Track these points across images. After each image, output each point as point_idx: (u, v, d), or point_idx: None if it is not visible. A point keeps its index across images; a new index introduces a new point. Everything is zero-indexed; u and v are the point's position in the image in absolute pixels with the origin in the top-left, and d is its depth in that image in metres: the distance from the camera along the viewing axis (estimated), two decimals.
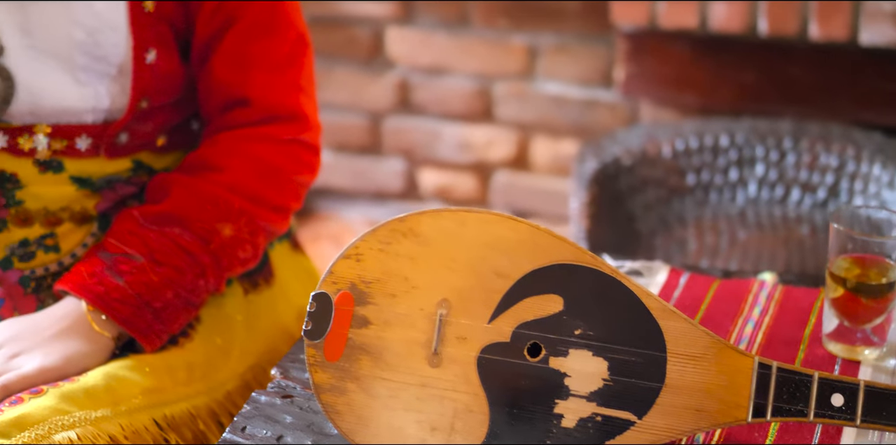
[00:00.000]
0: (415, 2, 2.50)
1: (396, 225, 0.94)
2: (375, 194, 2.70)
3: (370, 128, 2.65)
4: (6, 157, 1.26)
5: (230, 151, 1.26)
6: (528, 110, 2.52)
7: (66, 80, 1.24)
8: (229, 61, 1.26)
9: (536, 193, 2.58)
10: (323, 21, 2.55)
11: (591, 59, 2.43)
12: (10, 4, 1.21)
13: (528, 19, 2.43)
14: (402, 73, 2.57)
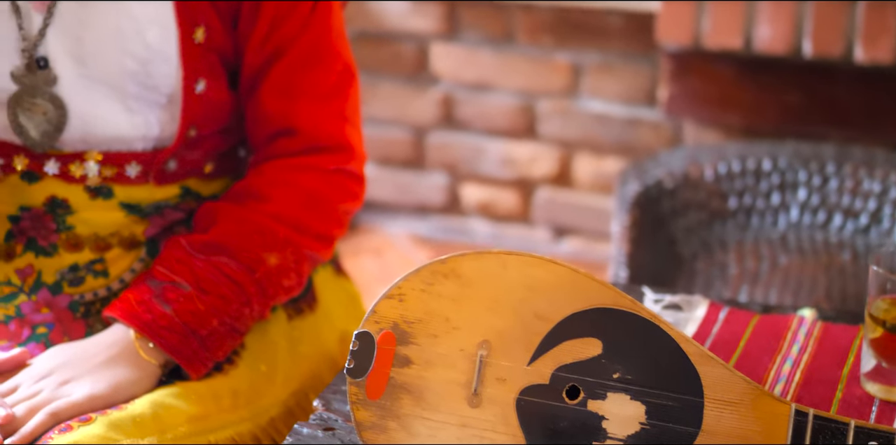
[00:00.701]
0: (460, 18, 2.52)
1: (438, 267, 0.96)
2: (418, 208, 2.72)
3: (414, 143, 2.67)
4: (58, 184, 1.29)
5: (276, 181, 1.28)
6: (571, 127, 2.53)
7: (118, 109, 1.26)
8: (277, 92, 1.28)
9: (578, 210, 2.59)
10: (369, 36, 2.58)
11: (635, 78, 2.44)
12: (65, 35, 1.23)
13: (572, 37, 2.45)
14: (447, 89, 2.59)
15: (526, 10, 2.45)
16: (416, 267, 0.97)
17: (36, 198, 1.30)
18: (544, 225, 2.64)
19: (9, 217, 1.31)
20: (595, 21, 2.42)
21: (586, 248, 2.62)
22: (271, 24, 1.27)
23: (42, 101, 1.25)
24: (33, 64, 1.24)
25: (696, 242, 1.92)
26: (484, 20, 2.50)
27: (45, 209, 1.30)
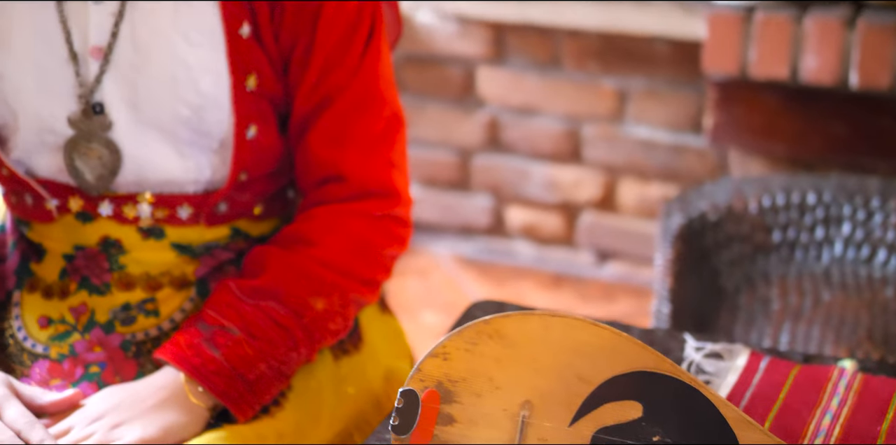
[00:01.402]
0: (506, 43, 2.54)
1: (483, 327, 0.98)
2: (462, 229, 2.75)
3: (459, 165, 2.69)
4: (111, 224, 1.32)
5: (324, 227, 1.30)
6: (616, 152, 2.54)
7: (171, 153, 1.29)
8: (326, 138, 1.31)
9: (622, 234, 2.61)
10: (417, 59, 2.60)
11: (681, 105, 2.45)
12: (121, 81, 1.26)
13: (618, 63, 2.47)
14: (493, 112, 2.61)
15: (572, 36, 2.47)
16: (461, 327, 0.99)
17: (90, 238, 1.33)
18: (588, 248, 2.66)
19: (63, 255, 1.34)
20: (641, 48, 2.43)
21: (629, 272, 2.64)
22: (321, 71, 1.29)
23: (97, 146, 1.28)
24: (89, 109, 1.27)
25: (739, 275, 1.93)
26: (530, 45, 2.52)
27: (99, 248, 1.33)
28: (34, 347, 1.30)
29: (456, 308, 2.58)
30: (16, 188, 1.34)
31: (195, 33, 1.26)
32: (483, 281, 2.67)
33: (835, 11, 2.18)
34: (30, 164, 1.32)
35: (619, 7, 2.35)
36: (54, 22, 1.26)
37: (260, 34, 1.27)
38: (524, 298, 2.60)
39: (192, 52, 1.26)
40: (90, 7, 1.25)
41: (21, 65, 1.27)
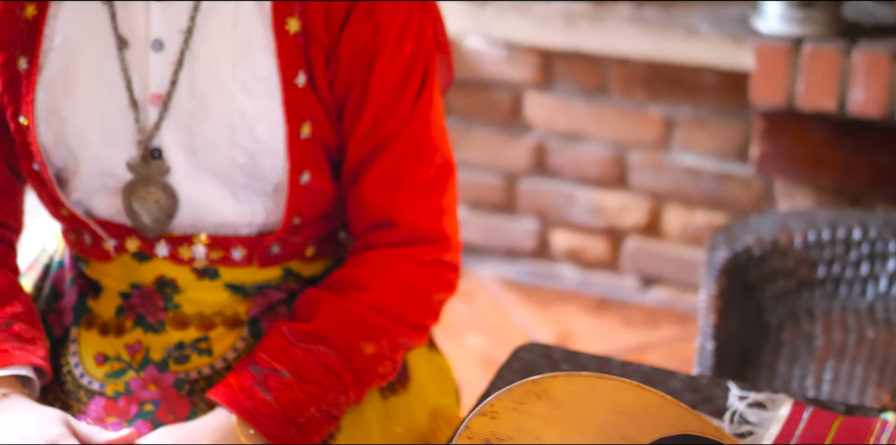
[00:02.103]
0: (554, 69, 2.56)
1: (531, 387, 1.00)
2: (507, 252, 2.77)
3: (506, 188, 2.71)
4: (167, 264, 1.36)
5: (375, 272, 1.33)
6: (662, 179, 2.56)
7: (226, 197, 1.32)
8: (378, 185, 1.33)
9: (667, 260, 2.62)
10: (465, 84, 2.63)
11: (728, 134, 2.46)
12: (179, 128, 1.30)
13: (665, 91, 2.48)
14: (540, 137, 2.63)
15: (620, 64, 2.48)
16: (510, 386, 1.01)
17: (146, 277, 1.37)
18: (632, 273, 2.67)
19: (120, 293, 1.38)
20: (689, 77, 2.44)
21: (674, 298, 2.65)
22: (375, 119, 1.32)
23: (155, 190, 1.32)
24: (148, 155, 1.31)
25: (783, 310, 1.94)
26: (578, 72, 2.53)
27: (155, 287, 1.37)
28: (91, 384, 1.34)
29: (500, 331, 2.60)
30: (75, 227, 1.38)
31: (252, 82, 1.29)
32: (527, 304, 2.68)
33: (883, 44, 2.19)
34: (89, 205, 1.35)
35: (667, 37, 2.36)
36: (116, 70, 1.30)
37: (315, 83, 1.30)
38: (568, 322, 2.62)
39: (249, 101, 1.29)
40: (151, 56, 1.29)
41: (84, 111, 1.30)
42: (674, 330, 2.58)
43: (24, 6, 1.30)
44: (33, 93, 1.30)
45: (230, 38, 1.28)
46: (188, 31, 1.28)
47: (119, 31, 1.29)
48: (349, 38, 1.29)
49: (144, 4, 1.29)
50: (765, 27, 2.28)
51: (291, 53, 1.28)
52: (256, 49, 1.28)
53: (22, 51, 1.30)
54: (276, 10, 1.28)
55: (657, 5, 2.46)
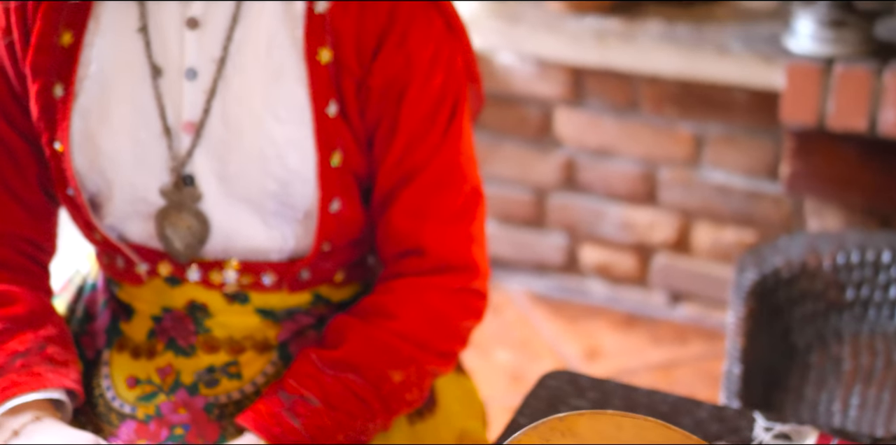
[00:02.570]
0: (585, 85, 2.56)
1: (556, 424, 1.01)
2: (536, 266, 2.77)
3: (535, 203, 2.72)
4: (199, 289, 1.37)
5: (404, 300, 1.34)
6: (691, 196, 2.56)
7: (257, 223, 1.34)
8: (407, 212, 1.34)
9: (696, 277, 2.63)
10: (496, 99, 2.63)
11: (758, 152, 2.46)
12: (211, 155, 1.31)
13: (696, 108, 2.48)
14: (569, 153, 2.64)
15: (651, 81, 2.49)
16: (536, 423, 1.02)
17: (177, 301, 1.38)
18: (661, 289, 2.68)
19: (152, 316, 1.39)
20: (719, 95, 2.44)
21: (702, 314, 2.65)
22: (405, 148, 1.33)
23: (187, 216, 1.33)
24: (180, 181, 1.32)
25: (811, 333, 1.94)
26: (608, 88, 2.54)
27: (186, 311, 1.38)
28: (122, 407, 1.35)
29: (528, 346, 2.61)
30: (108, 251, 1.40)
31: (284, 111, 1.30)
32: (555, 318, 2.69)
33: None
34: (122, 230, 1.37)
35: (698, 55, 2.36)
36: (150, 98, 1.31)
37: (346, 112, 1.31)
38: (596, 338, 2.63)
39: (281, 130, 1.30)
40: (185, 84, 1.30)
41: (118, 138, 1.32)
42: (702, 346, 2.58)
43: (60, 34, 1.32)
44: (68, 120, 1.32)
45: (263, 68, 1.30)
46: (221, 60, 1.30)
47: (153, 59, 1.31)
48: (380, 67, 1.30)
49: (179, 34, 1.30)
50: (796, 46, 2.28)
51: (323, 83, 1.29)
52: (288, 78, 1.30)
53: (58, 78, 1.32)
54: (309, 40, 1.29)
55: (689, 23, 2.46)
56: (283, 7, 1.30)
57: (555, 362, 2.55)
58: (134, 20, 1.31)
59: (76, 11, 1.32)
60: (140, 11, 1.31)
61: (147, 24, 1.31)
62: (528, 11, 2.56)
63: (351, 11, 1.29)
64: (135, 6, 1.31)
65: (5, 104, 1.35)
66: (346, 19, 1.29)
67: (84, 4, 1.32)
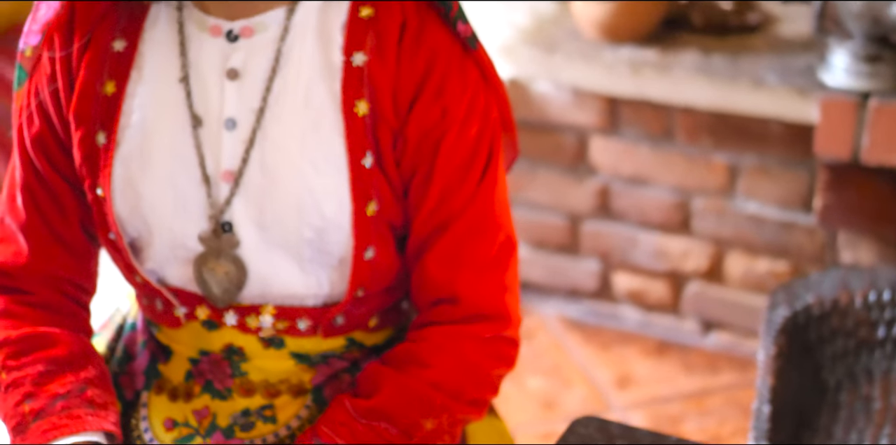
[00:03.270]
0: (620, 114, 2.58)
1: None
2: (570, 291, 2.79)
3: (569, 229, 2.74)
4: (235, 333, 1.40)
5: (437, 349, 1.35)
6: (725, 226, 2.57)
7: (293, 269, 1.36)
8: (442, 261, 1.36)
9: (728, 306, 2.63)
10: (532, 126, 2.65)
11: (792, 183, 2.47)
12: (249, 204, 1.33)
13: (731, 139, 2.49)
14: (604, 180, 2.65)
15: (686, 111, 2.50)
16: None
17: (215, 345, 1.41)
18: (693, 317, 2.69)
19: (189, 359, 1.42)
20: (754, 126, 2.45)
21: (734, 343, 2.66)
22: (440, 197, 1.34)
23: (225, 262, 1.35)
24: (219, 228, 1.34)
25: (841, 370, 1.94)
26: (644, 118, 2.55)
27: (223, 355, 1.41)
28: None
29: (560, 372, 2.62)
30: (148, 293, 1.42)
31: (321, 161, 1.32)
32: (588, 345, 2.70)
33: None
34: (162, 274, 1.39)
35: (733, 88, 2.37)
36: (190, 147, 1.33)
37: (382, 162, 1.33)
38: (628, 365, 2.64)
39: (318, 179, 1.32)
40: (224, 134, 1.33)
41: (158, 185, 1.34)
42: (734, 375, 2.59)
43: (104, 83, 1.34)
44: (110, 167, 1.34)
45: (300, 119, 1.32)
46: (260, 110, 1.32)
47: (194, 109, 1.33)
48: (417, 119, 1.32)
49: (219, 84, 1.32)
50: (831, 80, 2.28)
51: (360, 135, 1.31)
52: (325, 130, 1.32)
53: (101, 126, 1.35)
54: (346, 92, 1.31)
55: (724, 54, 2.47)
56: (321, 59, 1.32)
57: (586, 389, 2.56)
58: (175, 70, 1.34)
59: (119, 61, 1.34)
60: (182, 62, 1.33)
61: (188, 75, 1.33)
62: (564, 40, 2.58)
63: (388, 64, 1.31)
64: (176, 57, 1.34)
65: (49, 149, 1.38)
66: (384, 72, 1.31)
67: (127, 54, 1.34)
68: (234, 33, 1.32)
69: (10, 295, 1.41)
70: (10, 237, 1.42)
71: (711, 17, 2.60)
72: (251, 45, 1.32)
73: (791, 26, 2.61)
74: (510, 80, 2.62)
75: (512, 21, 2.71)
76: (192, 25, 1.33)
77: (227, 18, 1.32)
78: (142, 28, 1.35)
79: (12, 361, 1.37)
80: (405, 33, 1.31)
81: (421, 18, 1.32)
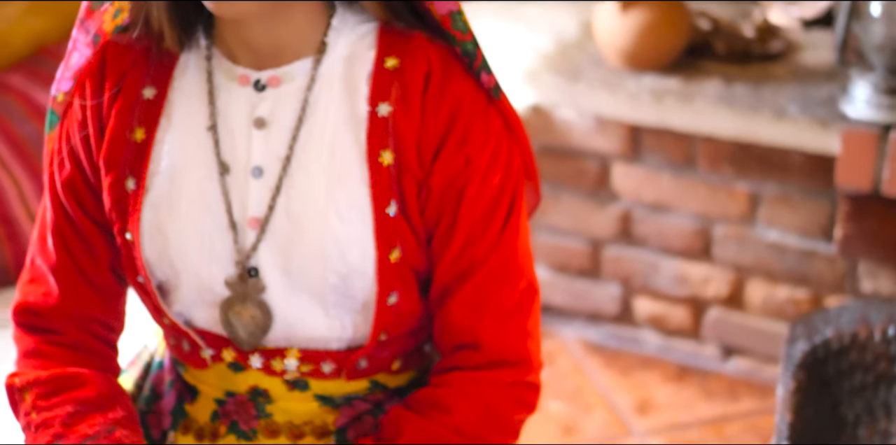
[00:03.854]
0: (642, 142, 2.60)
1: None
2: (591, 315, 2.81)
3: (591, 254, 2.76)
4: (260, 375, 1.42)
5: (459, 394, 1.37)
6: (745, 253, 2.58)
7: (318, 313, 1.38)
8: (465, 307, 1.38)
9: (748, 332, 2.65)
10: (555, 151, 2.68)
11: (813, 212, 2.48)
12: (275, 250, 1.36)
13: (752, 168, 2.50)
14: (626, 206, 2.67)
15: (708, 140, 2.51)
16: None
17: (240, 386, 1.43)
18: (713, 342, 2.70)
19: (215, 399, 1.45)
20: (776, 155, 2.46)
21: (754, 368, 2.67)
22: (463, 245, 1.36)
23: (251, 306, 1.38)
24: (245, 274, 1.37)
25: (859, 405, 1.96)
26: (666, 145, 2.57)
27: (248, 396, 1.43)
28: None
29: (580, 396, 2.64)
30: (175, 334, 1.45)
31: (346, 209, 1.34)
32: (609, 369, 2.72)
33: None
34: (189, 316, 1.42)
35: (754, 118, 2.39)
36: (217, 194, 1.36)
37: (406, 211, 1.35)
38: (648, 390, 2.66)
39: (342, 227, 1.34)
40: (251, 181, 1.35)
41: (186, 230, 1.37)
42: (753, 401, 2.60)
43: (133, 130, 1.37)
44: (139, 212, 1.37)
45: (326, 167, 1.34)
46: (287, 158, 1.34)
47: (221, 157, 1.36)
48: (441, 168, 1.34)
49: (246, 132, 1.35)
50: (853, 112, 2.30)
51: (384, 184, 1.33)
52: (350, 179, 1.34)
53: (130, 172, 1.37)
54: (371, 142, 1.33)
55: (747, 83, 2.48)
56: (347, 109, 1.34)
57: (607, 414, 2.58)
58: (204, 118, 1.36)
59: (149, 108, 1.37)
60: (210, 110, 1.36)
61: (216, 123, 1.36)
62: (587, 67, 2.60)
63: (413, 115, 1.33)
64: (205, 105, 1.36)
65: (80, 193, 1.41)
66: (409, 122, 1.33)
67: (157, 102, 1.37)
68: (262, 83, 1.35)
69: (40, 335, 1.45)
70: (41, 278, 1.45)
71: (734, 44, 2.61)
72: (278, 95, 1.35)
73: (814, 54, 2.62)
74: (533, 106, 2.64)
75: (536, 46, 2.74)
76: (221, 75, 1.36)
77: (254, 68, 1.35)
78: (171, 76, 1.38)
79: (42, 401, 1.40)
80: (430, 84, 1.34)
81: (445, 69, 1.34)
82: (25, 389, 1.41)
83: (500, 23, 2.90)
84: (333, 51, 1.35)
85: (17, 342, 1.46)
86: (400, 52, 1.34)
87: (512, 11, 2.96)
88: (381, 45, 1.35)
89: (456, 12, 1.35)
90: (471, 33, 1.36)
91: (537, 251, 2.78)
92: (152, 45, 1.38)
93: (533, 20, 2.89)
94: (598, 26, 2.58)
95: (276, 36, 1.33)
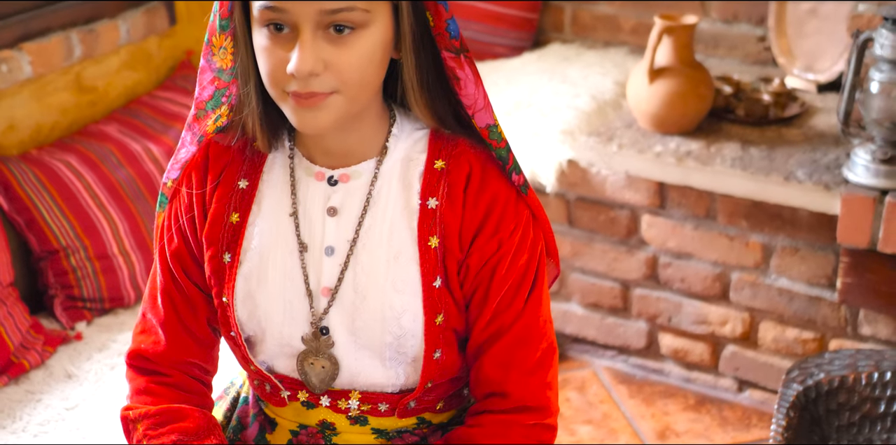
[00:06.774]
0: (668, 196, 2.81)
1: None
2: (620, 348, 3.03)
3: (621, 294, 2.98)
4: (328, 412, 1.71)
5: (489, 433, 1.65)
6: (759, 298, 2.78)
7: (377, 365, 1.66)
8: (495, 363, 1.65)
9: (760, 367, 2.85)
10: (590, 202, 2.90)
11: (819, 263, 2.67)
12: (343, 314, 1.63)
13: (765, 223, 2.71)
14: (653, 252, 2.88)
15: (726, 197, 2.71)
16: None
17: (312, 420, 1.72)
18: (730, 375, 2.91)
19: (290, 430, 1.74)
20: (786, 213, 2.65)
21: (765, 399, 2.88)
22: (494, 312, 1.63)
23: (322, 358, 1.67)
24: (318, 332, 1.65)
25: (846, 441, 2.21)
26: (689, 200, 2.77)
27: (318, 428, 1.72)
28: None
29: (608, 422, 2.85)
30: (259, 378, 1.75)
31: (401, 283, 1.61)
32: (635, 397, 2.92)
33: None
34: (271, 365, 1.71)
35: (766, 181, 2.60)
36: (297, 268, 1.65)
37: (449, 284, 1.63)
38: (669, 418, 2.86)
39: (398, 297, 1.62)
40: (324, 259, 1.64)
41: (272, 297, 1.65)
42: (764, 431, 2.79)
43: (230, 214, 1.66)
44: (234, 281, 1.65)
45: (385, 248, 1.61)
46: (353, 241, 1.62)
47: (301, 238, 1.64)
48: (477, 251, 1.61)
49: (321, 218, 1.64)
50: (853, 177, 2.51)
51: (431, 263, 1.61)
52: (404, 258, 1.61)
53: (227, 248, 1.66)
54: (422, 229, 1.61)
55: (761, 146, 2.69)
56: (402, 201, 1.62)
57: (631, 438, 2.79)
58: (287, 206, 1.65)
59: (243, 197, 1.66)
60: (292, 200, 1.65)
61: (297, 210, 1.64)
62: (619, 129, 2.82)
63: (456, 207, 1.61)
64: (288, 195, 1.65)
65: (185, 262, 1.70)
66: (452, 214, 1.61)
67: (249, 192, 1.66)
68: (335, 179, 1.63)
69: (150, 376, 1.73)
70: (152, 329, 1.74)
71: (754, 108, 2.83)
72: (347, 189, 1.63)
73: (826, 118, 2.83)
74: (570, 161, 2.85)
75: (575, 105, 2.97)
76: (301, 171, 1.65)
77: (328, 167, 1.63)
78: (261, 171, 1.66)
79: (152, 431, 1.69)
80: (470, 183, 1.61)
81: (483, 170, 1.62)
82: (138, 420, 1.69)
83: (545, 82, 3.13)
84: (393, 153, 1.63)
85: (130, 381, 1.74)
86: (446, 155, 1.62)
87: (555, 71, 3.19)
88: (432, 150, 1.63)
89: (492, 125, 1.62)
90: (504, 141, 1.64)
91: (574, 290, 3.01)
92: (246, 146, 1.67)
93: (574, 80, 3.12)
94: (629, 92, 2.80)
95: (347, 143, 1.61)
